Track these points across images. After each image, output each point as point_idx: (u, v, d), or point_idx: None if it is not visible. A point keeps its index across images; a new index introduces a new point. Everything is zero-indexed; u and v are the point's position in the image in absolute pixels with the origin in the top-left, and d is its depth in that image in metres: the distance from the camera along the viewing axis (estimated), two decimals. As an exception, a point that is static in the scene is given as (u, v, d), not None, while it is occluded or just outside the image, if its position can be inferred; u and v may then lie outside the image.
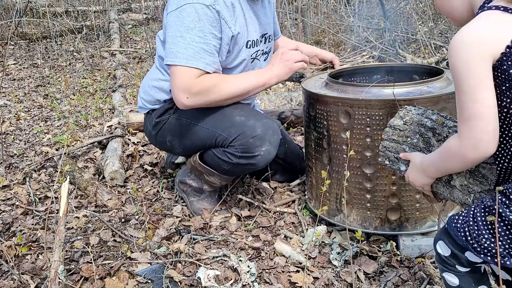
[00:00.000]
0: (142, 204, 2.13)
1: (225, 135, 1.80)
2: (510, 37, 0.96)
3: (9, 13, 6.43)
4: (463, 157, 1.05)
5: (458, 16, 1.15)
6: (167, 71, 1.86)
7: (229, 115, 1.82)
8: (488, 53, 0.97)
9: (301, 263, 1.66)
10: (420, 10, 5.60)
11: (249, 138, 1.76)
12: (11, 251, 1.78)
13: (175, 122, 1.92)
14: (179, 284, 1.58)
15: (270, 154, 1.81)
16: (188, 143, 1.93)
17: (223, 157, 1.83)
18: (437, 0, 1.18)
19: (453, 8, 1.15)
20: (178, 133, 1.93)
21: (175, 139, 1.95)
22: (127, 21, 6.96)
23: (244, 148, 1.77)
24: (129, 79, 4.32)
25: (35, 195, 2.29)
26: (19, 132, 3.28)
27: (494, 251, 1.01)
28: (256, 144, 1.76)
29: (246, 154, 1.78)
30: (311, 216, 1.98)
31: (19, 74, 4.91)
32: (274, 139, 1.80)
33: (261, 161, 1.81)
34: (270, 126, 1.80)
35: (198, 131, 1.87)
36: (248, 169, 1.88)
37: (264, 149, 1.78)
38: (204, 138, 1.86)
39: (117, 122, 3.04)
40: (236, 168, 1.86)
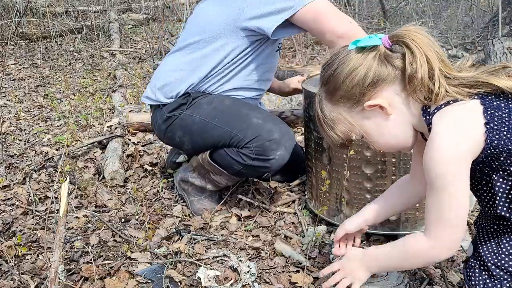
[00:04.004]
0: (142, 204, 2.13)
1: (241, 136, 1.78)
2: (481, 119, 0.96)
3: (9, 13, 6.43)
4: (436, 257, 1.08)
5: (404, 142, 1.13)
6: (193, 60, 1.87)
7: (246, 116, 1.80)
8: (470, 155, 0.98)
9: (301, 263, 1.66)
10: (420, 10, 5.61)
11: (266, 141, 1.75)
12: (11, 251, 1.78)
13: (188, 119, 1.89)
14: (179, 284, 1.58)
15: (284, 159, 1.80)
16: (200, 140, 1.90)
17: (237, 158, 1.82)
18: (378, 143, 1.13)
19: (397, 137, 1.11)
20: (190, 129, 1.90)
21: (186, 135, 1.92)
22: (127, 21, 6.95)
23: (260, 150, 1.77)
24: (129, 79, 4.32)
25: (35, 195, 2.29)
26: (19, 132, 3.28)
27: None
28: (272, 148, 1.76)
29: (260, 156, 1.78)
30: (311, 216, 1.98)
31: (19, 74, 4.91)
32: (289, 145, 1.79)
33: (275, 165, 1.80)
34: (287, 131, 1.80)
35: (212, 130, 1.85)
36: (260, 172, 1.87)
37: (279, 153, 1.77)
38: (218, 137, 1.84)
39: (117, 122, 3.04)
40: (248, 170, 1.85)
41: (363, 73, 1.04)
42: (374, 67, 1.04)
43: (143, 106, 3.38)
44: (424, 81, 1.01)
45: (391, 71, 1.05)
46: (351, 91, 1.07)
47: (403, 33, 1.04)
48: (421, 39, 1.02)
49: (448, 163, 0.97)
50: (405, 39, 1.03)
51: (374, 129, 1.10)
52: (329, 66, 1.10)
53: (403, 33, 1.04)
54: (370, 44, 1.05)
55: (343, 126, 1.11)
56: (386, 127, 1.09)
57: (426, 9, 5.30)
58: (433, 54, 1.02)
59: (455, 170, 0.98)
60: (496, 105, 0.98)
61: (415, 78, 1.02)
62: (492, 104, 0.98)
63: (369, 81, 1.05)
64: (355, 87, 1.06)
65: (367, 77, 1.05)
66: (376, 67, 1.04)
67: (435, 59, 1.02)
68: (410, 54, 1.02)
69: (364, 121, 1.10)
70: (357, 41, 1.07)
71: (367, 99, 1.07)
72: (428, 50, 1.02)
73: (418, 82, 1.02)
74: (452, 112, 1.00)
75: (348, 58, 1.07)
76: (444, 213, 1.01)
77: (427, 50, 1.02)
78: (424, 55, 1.01)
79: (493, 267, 1.05)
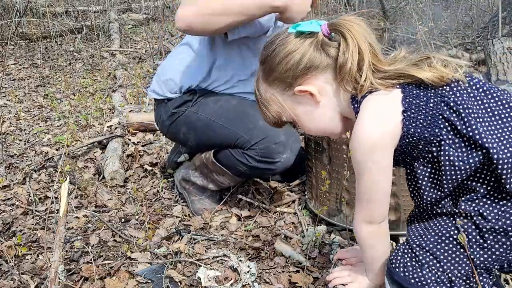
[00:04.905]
0: (142, 204, 2.13)
1: (247, 138, 1.77)
2: (400, 108, 0.99)
3: (9, 13, 6.43)
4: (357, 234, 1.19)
5: (333, 128, 1.15)
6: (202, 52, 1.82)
7: (252, 117, 1.78)
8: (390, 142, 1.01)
9: (301, 263, 1.66)
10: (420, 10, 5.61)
11: (272, 143, 1.74)
12: (11, 251, 1.78)
13: (193, 116, 1.87)
14: (179, 284, 1.58)
15: (289, 162, 1.79)
16: (205, 139, 1.88)
17: (241, 159, 1.81)
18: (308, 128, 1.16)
19: (327, 124, 1.14)
20: (194, 126, 1.88)
21: (191, 132, 1.90)
22: (127, 21, 6.95)
23: (265, 152, 1.76)
24: (129, 79, 4.32)
25: (35, 195, 2.29)
26: (19, 132, 3.28)
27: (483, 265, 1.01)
28: (278, 150, 1.75)
29: (266, 159, 1.77)
30: (311, 216, 1.98)
31: (19, 74, 4.91)
32: (295, 147, 1.79)
33: (280, 167, 1.79)
34: (293, 134, 1.79)
35: (217, 129, 1.83)
36: (264, 173, 1.87)
37: (285, 156, 1.76)
38: (224, 137, 1.83)
39: (117, 122, 3.04)
40: (252, 171, 1.84)
41: (298, 58, 1.06)
42: (309, 54, 1.06)
43: (143, 106, 3.39)
44: (353, 71, 1.03)
45: (324, 59, 1.07)
46: (285, 74, 1.09)
47: (341, 22, 1.06)
48: (358, 30, 1.04)
49: (368, 151, 1.01)
50: (342, 28, 1.05)
51: (303, 114, 1.13)
52: (268, 46, 1.11)
53: (341, 23, 1.05)
54: (309, 30, 1.06)
55: (276, 107, 1.14)
56: (315, 113, 1.12)
57: (426, 9, 5.30)
58: (366, 46, 1.04)
59: (374, 157, 1.01)
60: (416, 93, 1.01)
61: (344, 68, 1.04)
62: (412, 93, 1.01)
63: (302, 67, 1.07)
64: (289, 71, 1.08)
65: (301, 63, 1.06)
66: (311, 54, 1.06)
67: (367, 51, 1.04)
68: (345, 44, 1.04)
69: (295, 105, 1.13)
70: (297, 25, 1.08)
71: (299, 84, 1.09)
72: (362, 42, 1.04)
73: (347, 72, 1.04)
74: (373, 101, 1.03)
75: (286, 41, 1.08)
76: (364, 196, 1.07)
77: (361, 41, 1.04)
78: (357, 46, 1.03)
79: (417, 249, 1.06)
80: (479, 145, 0.97)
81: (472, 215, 1.01)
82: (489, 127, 0.99)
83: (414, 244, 1.07)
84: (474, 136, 0.97)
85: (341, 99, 1.10)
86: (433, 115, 0.99)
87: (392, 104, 1.01)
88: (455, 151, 0.98)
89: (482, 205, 1.01)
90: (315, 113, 1.12)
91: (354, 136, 1.02)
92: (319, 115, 1.12)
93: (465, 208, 1.02)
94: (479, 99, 1.01)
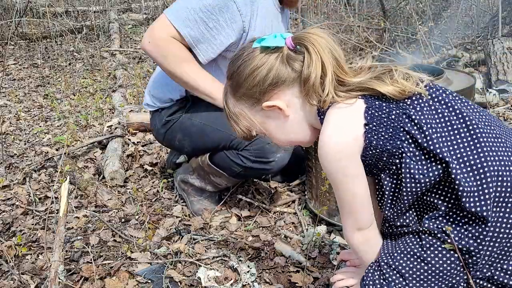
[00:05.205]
0: (142, 204, 2.13)
1: None
2: (362, 120, 0.99)
3: (9, 13, 6.43)
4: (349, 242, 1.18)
5: (302, 138, 1.15)
6: None
7: None
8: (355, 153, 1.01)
9: (301, 263, 1.66)
10: (420, 10, 5.61)
11: (265, 143, 1.75)
12: (11, 251, 1.78)
13: (187, 122, 1.89)
14: (179, 284, 1.58)
15: (284, 161, 1.80)
16: (200, 143, 1.90)
17: (236, 160, 1.82)
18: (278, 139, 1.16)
19: (297, 134, 1.14)
20: (189, 132, 1.90)
21: (186, 138, 1.92)
22: (127, 21, 6.95)
23: (259, 153, 1.77)
24: (129, 79, 4.32)
25: (35, 195, 2.29)
26: (19, 132, 3.28)
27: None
28: (272, 150, 1.76)
29: (260, 159, 1.78)
30: (311, 216, 1.98)
31: (19, 74, 4.91)
32: (288, 147, 1.79)
33: (275, 167, 1.80)
34: None
35: (211, 133, 1.85)
36: (260, 173, 1.87)
37: (279, 155, 1.77)
38: (218, 140, 1.84)
39: (117, 122, 3.04)
40: (248, 172, 1.85)
41: (264, 73, 1.05)
42: (275, 68, 1.05)
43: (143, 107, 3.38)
44: (316, 85, 1.03)
45: (290, 73, 1.05)
46: (252, 90, 1.08)
47: (305, 36, 1.04)
48: (321, 43, 1.03)
49: (334, 161, 1.01)
50: (306, 42, 1.03)
51: (273, 128, 1.13)
52: (234, 62, 1.11)
53: (305, 36, 1.04)
54: (274, 45, 1.05)
55: (245, 122, 1.13)
56: (285, 126, 1.11)
57: (426, 9, 5.30)
58: (329, 59, 1.02)
59: (342, 167, 1.01)
60: (378, 105, 1.01)
61: (308, 82, 1.03)
62: (374, 104, 1.01)
63: (269, 83, 1.06)
64: (255, 87, 1.07)
65: (267, 78, 1.05)
66: (277, 69, 1.05)
67: (329, 65, 1.02)
68: (308, 57, 1.03)
69: (264, 119, 1.12)
70: (262, 40, 1.07)
71: (267, 99, 1.08)
72: (325, 55, 1.02)
73: (311, 86, 1.03)
74: (335, 114, 1.03)
75: (252, 56, 1.07)
76: (345, 207, 1.08)
77: (323, 55, 1.02)
78: (320, 60, 1.02)
79: (385, 267, 1.06)
80: (439, 159, 0.97)
81: (436, 232, 1.01)
82: (448, 142, 1.00)
83: (383, 262, 1.08)
84: (434, 150, 0.97)
85: (308, 112, 1.09)
86: (394, 127, 0.99)
87: (354, 116, 1.01)
88: (416, 163, 0.98)
89: (445, 223, 1.01)
90: (285, 126, 1.12)
91: (319, 148, 1.03)
92: (288, 128, 1.12)
93: (428, 226, 1.02)
94: (440, 111, 1.02)
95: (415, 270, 1.03)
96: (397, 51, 4.22)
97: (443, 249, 1.00)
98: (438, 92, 1.04)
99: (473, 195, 0.96)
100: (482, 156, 0.97)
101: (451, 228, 0.99)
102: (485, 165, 0.96)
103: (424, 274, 1.02)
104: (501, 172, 0.97)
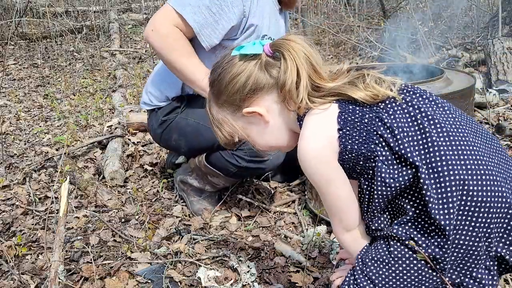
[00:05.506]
0: (142, 204, 2.13)
1: None
2: (335, 125, 1.01)
3: (9, 13, 6.43)
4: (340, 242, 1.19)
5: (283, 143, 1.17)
6: None
7: None
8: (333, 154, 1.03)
9: (301, 263, 1.66)
10: (420, 10, 5.61)
11: None
12: (11, 251, 1.78)
13: (183, 122, 1.90)
14: (179, 284, 1.58)
15: (279, 159, 1.80)
16: (195, 143, 1.91)
17: (231, 160, 1.83)
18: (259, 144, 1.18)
19: (277, 140, 1.16)
20: (184, 132, 1.91)
21: (182, 138, 1.93)
22: (127, 21, 6.96)
23: (253, 152, 1.77)
24: (129, 79, 4.32)
25: (35, 195, 2.29)
26: (19, 132, 3.28)
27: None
28: None
29: (255, 158, 1.78)
30: (311, 216, 1.98)
31: (19, 74, 4.91)
32: (271, 151, 1.80)
33: (270, 165, 1.80)
34: None
35: (206, 132, 1.84)
36: (256, 173, 1.88)
37: (273, 153, 1.77)
38: (213, 139, 1.82)
39: (117, 122, 3.04)
40: (243, 172, 1.85)
41: (243, 80, 1.07)
42: (253, 75, 1.07)
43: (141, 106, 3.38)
44: (292, 91, 1.04)
45: (269, 80, 1.07)
46: (232, 97, 1.10)
47: (281, 43, 1.06)
48: (297, 50, 1.04)
49: (314, 165, 1.03)
50: (282, 48, 1.05)
51: (255, 133, 1.15)
52: (215, 70, 1.13)
53: (282, 43, 1.06)
54: (252, 52, 1.07)
55: (228, 128, 1.15)
56: (265, 132, 1.13)
57: (426, 9, 5.30)
58: (304, 65, 1.04)
59: (322, 171, 1.03)
60: (352, 109, 1.03)
61: (285, 88, 1.05)
62: (348, 108, 1.03)
63: (248, 89, 1.08)
64: (236, 94, 1.09)
65: (246, 85, 1.07)
66: (256, 75, 1.07)
67: (304, 71, 1.04)
68: (284, 63, 1.04)
69: (246, 125, 1.14)
70: (241, 48, 1.08)
71: (247, 106, 1.10)
72: (300, 62, 1.04)
73: (287, 92, 1.05)
74: (311, 120, 1.04)
75: (231, 64, 1.09)
76: (332, 210, 1.10)
77: (298, 61, 1.04)
78: (296, 67, 1.04)
79: (359, 272, 1.08)
80: (409, 163, 0.98)
81: (404, 239, 1.02)
82: (420, 146, 1.00)
83: (358, 267, 1.09)
84: (405, 154, 0.98)
85: (287, 117, 1.11)
86: (368, 131, 1.00)
87: (328, 121, 1.03)
88: (388, 167, 1.00)
89: (414, 228, 1.02)
90: (265, 132, 1.13)
91: (298, 154, 1.05)
92: (269, 133, 1.14)
93: (397, 232, 1.03)
94: (413, 115, 1.02)
95: (384, 277, 1.04)
96: (397, 51, 4.22)
97: (410, 255, 1.02)
98: (413, 96, 1.06)
99: (437, 202, 0.97)
100: (450, 164, 0.98)
101: (416, 238, 1.00)
102: (451, 173, 0.97)
103: (392, 280, 1.04)
104: (467, 181, 0.97)
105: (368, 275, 1.05)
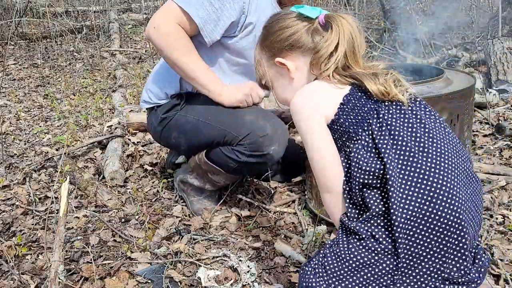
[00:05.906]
0: (142, 204, 2.13)
1: (235, 134, 1.78)
2: (340, 100, 1.11)
3: (9, 13, 6.43)
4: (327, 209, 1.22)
5: None
6: None
7: (239, 114, 1.80)
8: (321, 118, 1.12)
9: (301, 263, 1.66)
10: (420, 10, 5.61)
11: (259, 137, 1.75)
12: (11, 251, 1.78)
13: (182, 119, 1.90)
14: (179, 284, 1.58)
15: (279, 154, 1.80)
16: (195, 140, 1.91)
17: (232, 155, 1.82)
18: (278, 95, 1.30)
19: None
20: (184, 129, 1.90)
21: (181, 136, 1.92)
22: (127, 21, 6.96)
23: (253, 147, 1.77)
24: (129, 79, 4.32)
25: (35, 195, 2.29)
26: (19, 132, 3.28)
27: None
28: (266, 144, 1.76)
29: (255, 153, 1.78)
30: (311, 216, 1.98)
31: (19, 74, 4.92)
32: (283, 139, 1.80)
33: (271, 160, 1.80)
34: (279, 126, 1.80)
35: (206, 129, 1.85)
36: (257, 168, 1.87)
37: (273, 148, 1.77)
38: (212, 136, 1.85)
39: (117, 122, 3.04)
40: (244, 167, 1.85)
41: (288, 34, 1.19)
42: (298, 33, 1.18)
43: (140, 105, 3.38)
44: (322, 59, 1.14)
45: (309, 43, 1.17)
46: (274, 44, 1.22)
47: (335, 17, 1.15)
48: (346, 28, 1.13)
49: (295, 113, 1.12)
50: (333, 22, 1.14)
51: (279, 84, 1.27)
52: (273, 16, 1.25)
53: (335, 17, 1.15)
54: (307, 15, 1.17)
55: (261, 70, 1.29)
56: (288, 88, 1.25)
57: (426, 9, 5.30)
58: (345, 43, 1.13)
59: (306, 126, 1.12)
60: (359, 96, 1.12)
61: (318, 54, 1.15)
62: (356, 94, 1.12)
63: (288, 43, 1.19)
64: (277, 43, 1.21)
65: (289, 39, 1.19)
66: (300, 34, 1.18)
67: (342, 48, 1.12)
68: (329, 35, 1.14)
69: (275, 74, 1.26)
70: (301, 7, 1.19)
71: (282, 57, 1.21)
72: (343, 38, 1.12)
73: (318, 57, 1.15)
74: (319, 84, 1.15)
75: (287, 17, 1.21)
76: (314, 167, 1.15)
77: (342, 38, 1.12)
78: (337, 41, 1.12)
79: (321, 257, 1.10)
80: (381, 158, 1.04)
81: (364, 237, 1.04)
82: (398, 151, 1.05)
83: (321, 253, 1.12)
84: (381, 148, 1.04)
85: (309, 80, 1.21)
86: (362, 117, 1.09)
87: (336, 93, 1.12)
88: (365, 152, 1.07)
89: (376, 226, 1.04)
90: (287, 88, 1.25)
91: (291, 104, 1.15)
92: (290, 90, 1.23)
93: (359, 229, 1.05)
94: (410, 121, 1.08)
95: (336, 269, 1.07)
96: (397, 51, 4.22)
97: (366, 250, 1.04)
98: (418, 108, 1.12)
99: (398, 205, 1.00)
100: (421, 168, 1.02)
101: (377, 235, 1.03)
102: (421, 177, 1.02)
103: (343, 274, 1.06)
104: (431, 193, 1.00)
105: (324, 266, 1.09)
